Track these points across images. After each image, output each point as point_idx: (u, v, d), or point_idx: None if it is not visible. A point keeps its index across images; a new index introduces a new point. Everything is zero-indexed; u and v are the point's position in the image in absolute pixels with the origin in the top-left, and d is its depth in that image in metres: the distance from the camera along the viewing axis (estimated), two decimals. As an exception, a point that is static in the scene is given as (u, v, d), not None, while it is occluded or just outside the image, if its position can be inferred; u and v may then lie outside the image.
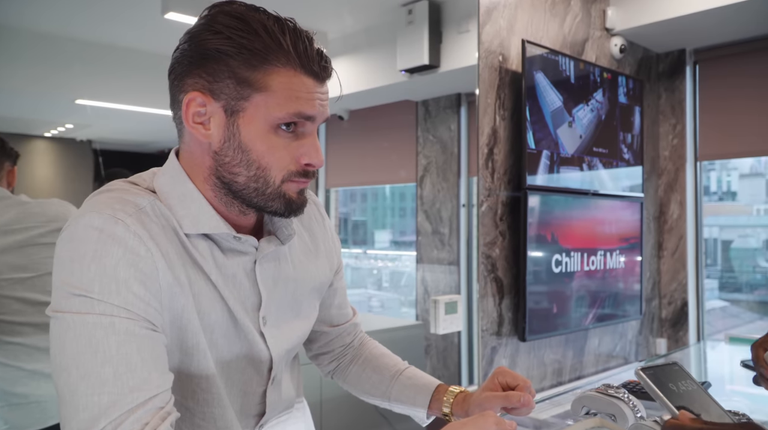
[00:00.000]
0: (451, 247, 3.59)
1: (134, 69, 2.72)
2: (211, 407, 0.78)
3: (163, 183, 0.78)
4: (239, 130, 0.74)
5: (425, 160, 3.74)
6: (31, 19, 2.59)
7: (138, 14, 2.73)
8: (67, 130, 2.78)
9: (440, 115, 3.68)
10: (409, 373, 1.03)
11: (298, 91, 0.74)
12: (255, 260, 0.81)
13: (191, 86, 0.75)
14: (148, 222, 0.71)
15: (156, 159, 3.37)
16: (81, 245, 0.67)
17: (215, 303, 0.77)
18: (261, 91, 0.73)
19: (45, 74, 2.62)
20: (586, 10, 2.54)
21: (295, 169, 0.77)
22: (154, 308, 0.69)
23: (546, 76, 2.23)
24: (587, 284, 2.42)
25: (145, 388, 0.64)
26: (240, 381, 0.82)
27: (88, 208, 0.71)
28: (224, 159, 0.76)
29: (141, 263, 0.68)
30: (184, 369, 0.76)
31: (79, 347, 0.64)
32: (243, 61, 0.72)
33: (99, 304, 0.66)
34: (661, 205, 3.02)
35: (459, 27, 2.97)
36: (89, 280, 0.66)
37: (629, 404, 0.96)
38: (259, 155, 0.75)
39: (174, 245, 0.73)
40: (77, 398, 0.63)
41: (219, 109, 0.74)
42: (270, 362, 0.84)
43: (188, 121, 0.75)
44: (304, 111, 0.75)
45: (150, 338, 0.68)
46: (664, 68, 3.01)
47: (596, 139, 2.47)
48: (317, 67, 0.76)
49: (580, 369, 2.53)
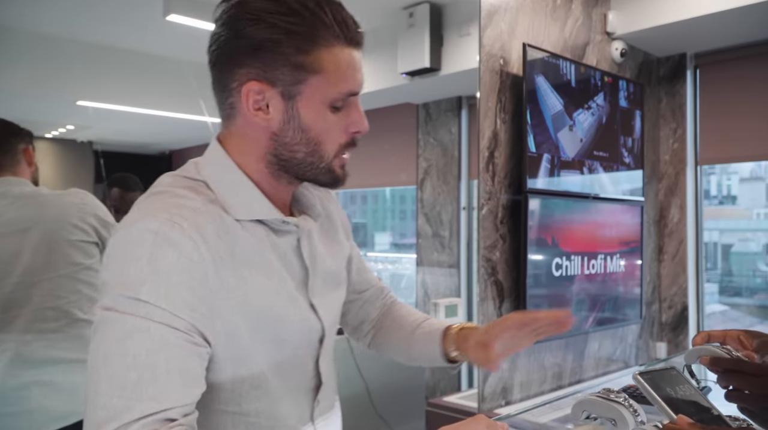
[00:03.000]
0: (451, 250, 3.59)
1: (135, 71, 2.72)
2: (263, 402, 0.79)
3: (212, 173, 0.80)
4: (298, 112, 0.77)
5: (426, 163, 3.74)
6: (32, 20, 2.59)
7: (139, 16, 2.73)
8: (69, 132, 2.78)
9: (441, 118, 3.68)
10: (425, 325, 1.04)
11: (346, 68, 0.77)
12: (298, 238, 0.84)
13: (246, 76, 0.76)
14: (203, 223, 0.72)
15: (156, 160, 3.37)
16: (137, 248, 0.68)
17: (270, 287, 0.78)
18: (315, 73, 0.76)
19: (46, 76, 2.62)
20: (587, 14, 2.55)
21: (344, 141, 0.81)
22: (201, 313, 0.70)
23: (547, 80, 2.24)
24: (587, 288, 2.42)
25: (162, 399, 0.65)
26: (294, 357, 0.83)
27: (144, 211, 0.72)
28: (284, 139, 0.78)
29: (194, 268, 0.69)
30: (238, 374, 0.77)
31: (112, 348, 0.65)
32: (294, 46, 0.75)
33: (144, 306, 0.66)
34: (661, 209, 3.02)
35: (460, 30, 2.98)
36: (140, 281, 0.67)
37: (630, 409, 0.96)
38: (317, 133, 0.78)
39: (226, 242, 0.74)
40: (98, 397, 0.64)
41: (276, 95, 0.77)
42: (321, 331, 0.86)
43: (248, 109, 0.77)
44: (353, 89, 0.79)
45: (183, 349, 0.68)
46: (665, 72, 3.01)
47: (597, 142, 2.47)
48: (356, 35, 0.79)
49: (580, 373, 2.53)
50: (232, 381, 0.76)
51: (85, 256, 1.62)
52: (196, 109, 2.54)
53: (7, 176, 1.63)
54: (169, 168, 0.85)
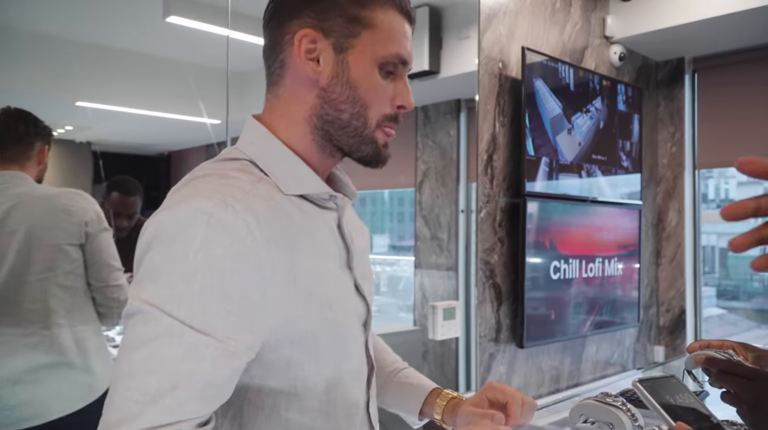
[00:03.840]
0: (450, 252, 3.59)
1: (135, 72, 2.72)
2: (307, 398, 0.76)
3: (257, 151, 0.79)
4: (348, 66, 0.77)
5: (424, 165, 3.74)
6: (30, 20, 2.59)
7: (139, 17, 2.73)
8: (67, 132, 2.78)
9: (440, 120, 3.68)
10: (407, 373, 1.03)
11: (398, 32, 0.79)
12: (338, 217, 0.83)
13: (299, 25, 0.77)
14: (256, 204, 0.70)
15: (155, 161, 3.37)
16: (189, 229, 0.65)
17: (320, 267, 0.77)
18: (369, 28, 0.77)
19: (45, 76, 2.61)
20: (586, 18, 2.55)
21: (388, 112, 0.80)
22: (253, 300, 0.68)
23: (545, 84, 2.24)
24: (585, 291, 2.42)
25: (177, 411, 0.62)
26: (345, 339, 0.80)
27: (192, 192, 0.69)
28: (331, 95, 0.78)
29: (247, 254, 0.67)
30: (295, 356, 0.74)
31: (139, 345, 0.63)
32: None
33: (186, 304, 0.63)
34: (659, 212, 3.02)
35: (459, 33, 2.98)
36: (194, 268, 0.64)
37: (628, 414, 0.96)
38: (365, 92, 0.78)
39: (279, 222, 0.72)
40: (116, 394, 0.62)
41: (329, 46, 0.77)
42: (366, 313, 0.85)
43: (301, 57, 0.77)
44: (403, 54, 0.79)
45: (214, 363, 0.64)
46: (663, 76, 3.02)
47: (595, 146, 2.48)
48: (411, 10, 0.81)
49: (577, 376, 2.52)
50: (288, 362, 0.73)
51: (67, 260, 1.62)
52: (195, 110, 2.54)
53: (14, 169, 1.64)
54: (167, 169, 0.85)
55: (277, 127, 0.80)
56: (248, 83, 2.27)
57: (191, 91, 2.49)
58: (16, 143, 1.67)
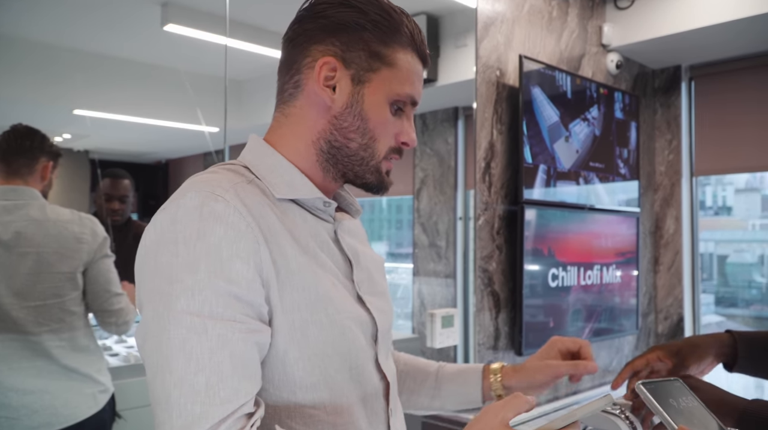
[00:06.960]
0: (448, 260, 3.58)
1: (133, 80, 2.72)
2: (322, 383, 0.76)
3: (252, 158, 0.81)
4: (363, 98, 0.79)
5: (422, 172, 3.74)
6: (28, 28, 2.59)
7: (137, 25, 2.74)
8: (65, 140, 2.78)
9: (437, 128, 3.69)
10: (449, 366, 1.06)
11: (414, 74, 0.82)
12: (335, 230, 0.84)
13: (322, 52, 0.79)
14: (245, 194, 0.72)
15: (153, 169, 3.37)
16: (185, 225, 0.68)
17: (313, 273, 0.76)
18: (388, 66, 0.80)
19: (43, 84, 2.61)
20: (583, 26, 2.57)
21: (393, 146, 0.83)
22: (257, 284, 0.70)
23: (543, 91, 2.25)
24: (583, 299, 2.42)
25: (235, 399, 0.65)
26: (350, 352, 0.79)
27: (183, 191, 0.72)
28: (342, 124, 0.80)
29: (243, 238, 0.69)
30: (294, 350, 0.74)
31: (173, 351, 0.65)
32: (376, 35, 0.79)
33: (199, 298, 0.66)
34: (657, 220, 3.03)
35: (456, 41, 2.99)
36: (195, 259, 0.66)
37: (626, 421, 0.96)
38: (375, 125, 0.80)
39: (267, 219, 0.74)
40: (171, 404, 0.64)
41: (347, 77, 0.79)
42: (373, 326, 0.83)
43: (319, 82, 0.79)
44: (415, 95, 0.83)
45: (244, 343, 0.67)
46: (660, 84, 3.03)
47: (592, 154, 2.48)
48: (427, 57, 0.84)
49: (576, 384, 2.52)
50: (283, 362, 0.74)
51: (75, 287, 1.66)
52: (193, 118, 2.55)
53: (18, 183, 1.65)
54: (165, 177, 0.86)
55: (282, 144, 0.82)
56: (246, 91, 2.27)
57: (189, 100, 2.49)
58: (21, 156, 1.68)
